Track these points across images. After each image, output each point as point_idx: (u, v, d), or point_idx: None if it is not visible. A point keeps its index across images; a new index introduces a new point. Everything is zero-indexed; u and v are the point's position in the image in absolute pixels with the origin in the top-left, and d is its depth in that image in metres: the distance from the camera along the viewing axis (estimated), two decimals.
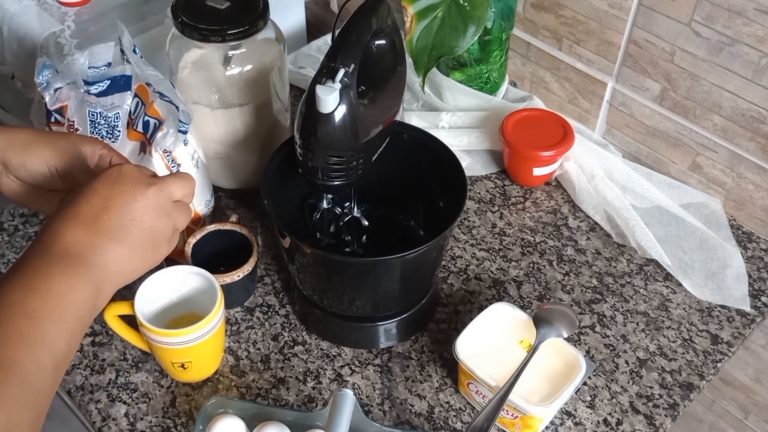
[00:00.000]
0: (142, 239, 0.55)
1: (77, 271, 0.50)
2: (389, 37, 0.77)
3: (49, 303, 0.48)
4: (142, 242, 0.55)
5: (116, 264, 0.53)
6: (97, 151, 0.65)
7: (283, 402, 0.81)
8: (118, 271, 0.53)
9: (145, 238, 0.55)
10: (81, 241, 0.51)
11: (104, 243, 0.52)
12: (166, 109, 0.83)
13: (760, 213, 0.98)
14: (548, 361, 0.77)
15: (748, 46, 0.88)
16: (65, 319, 0.49)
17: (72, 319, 0.49)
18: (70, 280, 0.50)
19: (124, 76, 0.85)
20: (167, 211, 0.58)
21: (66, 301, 0.49)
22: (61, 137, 0.65)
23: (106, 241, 0.52)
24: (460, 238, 0.98)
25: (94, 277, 0.51)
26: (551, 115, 1.05)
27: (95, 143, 0.65)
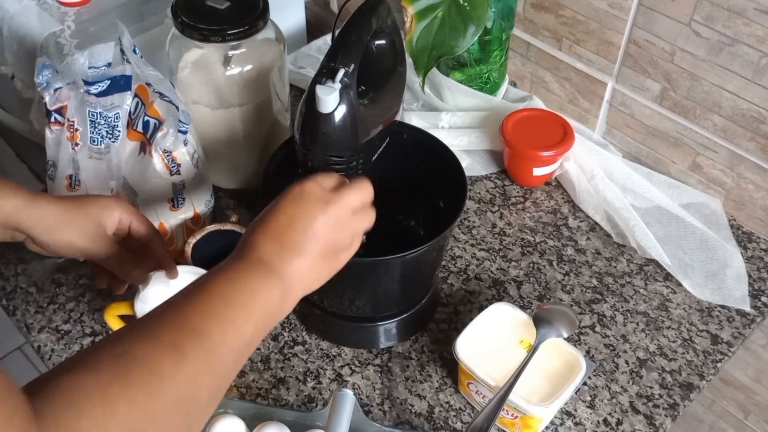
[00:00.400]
0: (323, 251, 0.61)
1: (268, 275, 0.57)
2: (389, 37, 0.77)
3: (242, 293, 0.55)
4: (323, 254, 0.61)
5: (300, 274, 0.59)
6: (116, 219, 0.73)
7: (283, 402, 0.81)
8: (301, 280, 0.60)
9: (325, 251, 0.61)
10: (270, 252, 0.58)
11: (290, 256, 0.59)
12: (166, 109, 0.83)
13: (760, 213, 0.98)
14: (548, 361, 0.77)
15: (748, 46, 0.88)
16: (254, 310, 0.55)
17: (259, 312, 0.55)
18: (261, 280, 0.57)
19: (124, 76, 0.85)
20: (345, 223, 0.63)
21: (257, 295, 0.56)
22: (83, 213, 0.71)
23: (291, 255, 0.59)
24: (460, 238, 0.98)
25: (280, 283, 0.57)
26: (551, 115, 1.05)
27: (114, 211, 0.72)
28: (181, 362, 0.49)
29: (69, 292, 0.91)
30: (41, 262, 0.94)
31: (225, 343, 0.52)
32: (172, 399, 0.47)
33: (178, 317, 0.52)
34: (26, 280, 0.92)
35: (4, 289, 0.91)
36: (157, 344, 0.49)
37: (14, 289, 0.91)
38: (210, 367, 0.51)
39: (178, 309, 0.52)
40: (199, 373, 0.50)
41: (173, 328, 0.51)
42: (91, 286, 0.92)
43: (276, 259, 0.58)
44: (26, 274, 0.93)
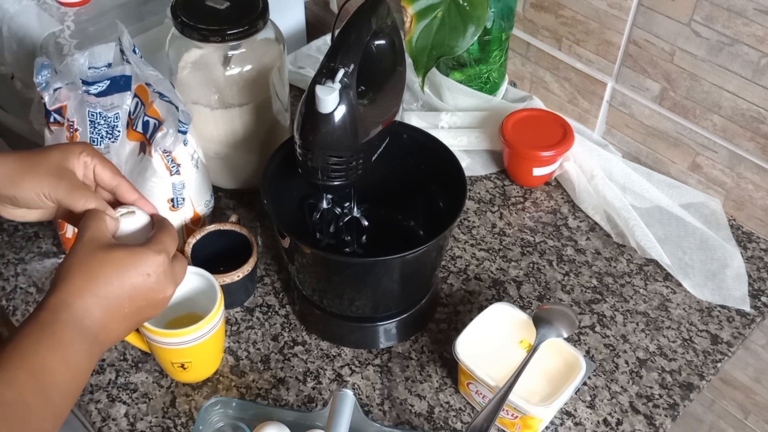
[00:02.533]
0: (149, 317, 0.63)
1: (93, 347, 0.58)
2: (389, 37, 0.77)
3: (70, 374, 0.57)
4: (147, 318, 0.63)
5: (121, 336, 0.61)
6: (80, 161, 0.67)
7: (283, 402, 0.81)
8: (119, 338, 0.62)
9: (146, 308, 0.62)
10: (99, 322, 0.59)
11: (118, 328, 0.60)
12: (165, 109, 0.83)
13: (759, 213, 0.98)
14: (548, 361, 0.77)
15: (748, 46, 0.88)
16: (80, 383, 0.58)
17: (82, 382, 0.58)
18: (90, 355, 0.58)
19: (123, 76, 0.85)
20: (170, 279, 0.63)
21: (83, 374, 0.58)
22: (44, 159, 0.65)
23: (121, 328, 0.60)
24: (460, 238, 0.98)
25: (102, 349, 0.60)
26: (551, 115, 1.05)
27: (76, 154, 0.66)
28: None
29: None
30: (41, 262, 0.94)
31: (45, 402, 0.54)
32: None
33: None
34: (26, 280, 0.92)
35: (4, 289, 0.91)
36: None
37: (14, 289, 0.91)
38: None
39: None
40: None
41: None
42: None
43: (101, 331, 0.59)
44: (26, 274, 0.93)
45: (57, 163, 0.65)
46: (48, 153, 0.66)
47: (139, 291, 0.60)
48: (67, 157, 0.66)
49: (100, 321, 0.58)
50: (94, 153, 0.67)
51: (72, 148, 0.66)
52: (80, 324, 0.57)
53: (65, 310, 0.57)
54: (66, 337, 0.56)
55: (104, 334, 0.59)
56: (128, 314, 0.60)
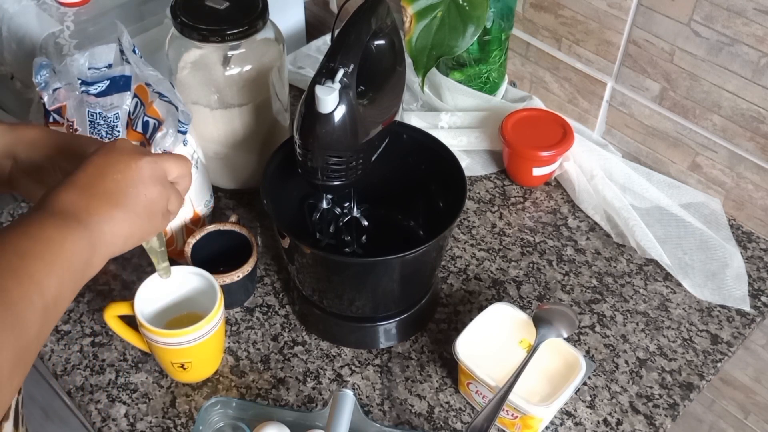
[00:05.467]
0: (136, 205, 0.57)
1: (70, 225, 0.53)
2: (388, 37, 0.77)
3: (40, 245, 0.50)
4: (136, 207, 0.57)
5: (110, 225, 0.55)
6: None
7: (283, 402, 0.81)
8: (112, 233, 0.55)
9: (139, 205, 0.57)
10: (74, 202, 0.54)
11: (98, 205, 0.54)
12: (165, 109, 0.83)
13: (759, 213, 0.98)
14: (548, 361, 0.77)
15: (748, 46, 0.88)
16: (55, 262, 0.51)
17: (63, 265, 0.51)
18: (63, 231, 0.52)
19: (123, 77, 0.85)
20: (162, 183, 0.59)
21: (57, 248, 0.51)
22: (72, 138, 0.65)
23: (100, 204, 0.55)
24: (460, 238, 0.98)
25: (87, 234, 0.53)
26: (551, 115, 1.05)
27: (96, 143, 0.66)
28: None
29: None
30: None
31: (24, 301, 0.48)
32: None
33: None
34: None
35: None
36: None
37: None
38: (9, 326, 0.46)
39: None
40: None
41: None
42: (91, 286, 0.92)
43: (82, 210, 0.53)
44: None
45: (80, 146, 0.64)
46: (78, 137, 0.66)
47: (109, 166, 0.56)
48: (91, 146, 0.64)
49: (78, 203, 0.54)
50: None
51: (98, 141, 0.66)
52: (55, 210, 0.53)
53: (52, 204, 0.53)
54: (58, 242, 0.51)
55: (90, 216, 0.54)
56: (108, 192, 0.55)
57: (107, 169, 0.56)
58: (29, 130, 0.65)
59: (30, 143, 0.64)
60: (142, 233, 0.58)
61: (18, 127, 0.65)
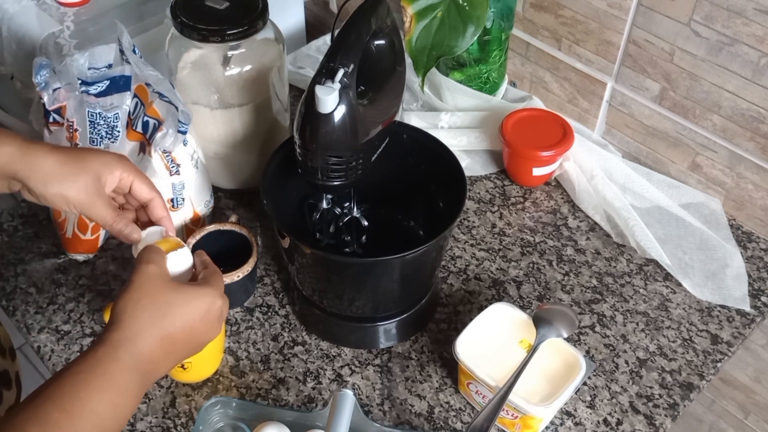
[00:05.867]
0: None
1: (143, 386, 0.57)
2: (388, 37, 0.77)
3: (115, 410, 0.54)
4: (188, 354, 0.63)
5: (161, 375, 0.60)
6: (116, 178, 0.68)
7: (283, 402, 0.81)
8: (158, 378, 0.60)
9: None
10: (154, 360, 0.58)
11: (172, 362, 0.60)
12: (165, 109, 0.83)
13: (759, 213, 0.98)
14: (548, 361, 0.77)
15: (748, 46, 0.88)
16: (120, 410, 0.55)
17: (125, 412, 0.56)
18: (135, 395, 0.56)
19: (123, 77, 0.85)
20: (220, 321, 0.64)
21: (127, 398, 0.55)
22: (82, 169, 0.66)
23: (174, 360, 0.60)
24: (460, 238, 0.98)
25: (146, 385, 0.58)
26: (551, 115, 1.05)
27: (116, 170, 0.68)
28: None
29: (69, 292, 0.91)
30: (41, 263, 0.94)
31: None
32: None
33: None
34: (26, 281, 0.92)
35: (4, 289, 0.91)
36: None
37: (14, 290, 0.91)
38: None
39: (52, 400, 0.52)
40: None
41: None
42: (91, 286, 0.92)
43: (155, 370, 0.58)
44: (26, 275, 0.93)
45: (94, 177, 0.67)
46: (88, 165, 0.67)
47: (195, 330, 0.60)
48: (104, 173, 0.67)
49: (157, 360, 0.58)
50: (132, 169, 0.69)
51: (113, 164, 0.68)
52: (138, 363, 0.56)
53: (127, 347, 0.55)
54: (121, 378, 0.54)
55: (155, 373, 0.58)
56: (179, 353, 0.60)
57: (193, 336, 0.60)
58: (42, 160, 0.66)
59: (42, 179, 0.65)
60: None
61: (30, 151, 0.66)
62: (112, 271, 0.93)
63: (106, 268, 0.93)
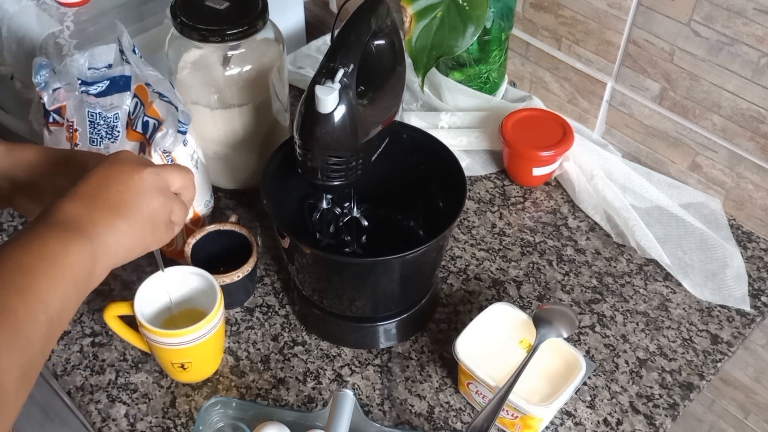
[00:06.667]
0: (139, 216, 0.57)
1: (73, 237, 0.53)
2: (388, 37, 0.77)
3: (43, 261, 0.51)
4: (139, 218, 0.57)
5: (113, 236, 0.55)
6: None
7: (283, 402, 0.81)
8: (115, 243, 0.56)
9: (142, 216, 0.57)
10: (77, 213, 0.54)
11: (101, 216, 0.55)
12: (165, 109, 0.83)
13: (759, 213, 0.98)
14: (548, 361, 0.77)
15: (748, 46, 0.88)
16: (59, 277, 0.51)
17: (67, 280, 0.51)
18: (65, 244, 0.52)
19: (123, 77, 0.85)
20: (165, 193, 0.60)
21: (61, 262, 0.51)
22: (72, 156, 0.66)
23: (104, 215, 0.55)
24: (460, 238, 0.98)
25: (89, 245, 0.53)
26: (551, 115, 1.05)
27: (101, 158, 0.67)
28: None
29: None
30: None
31: (29, 319, 0.48)
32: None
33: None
34: None
35: None
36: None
37: None
38: (16, 347, 0.47)
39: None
40: (4, 356, 0.46)
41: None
42: None
43: (84, 220, 0.54)
44: None
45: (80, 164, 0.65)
46: (76, 155, 0.66)
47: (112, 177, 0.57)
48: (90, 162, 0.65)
49: (81, 214, 0.54)
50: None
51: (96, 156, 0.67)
52: (57, 221, 0.53)
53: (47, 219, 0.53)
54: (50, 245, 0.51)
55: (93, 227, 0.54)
56: (112, 203, 0.56)
57: (111, 180, 0.57)
58: (27, 151, 0.65)
59: (28, 165, 0.65)
60: (145, 244, 0.59)
61: (16, 147, 0.65)
62: (112, 272, 0.93)
63: None
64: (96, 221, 0.54)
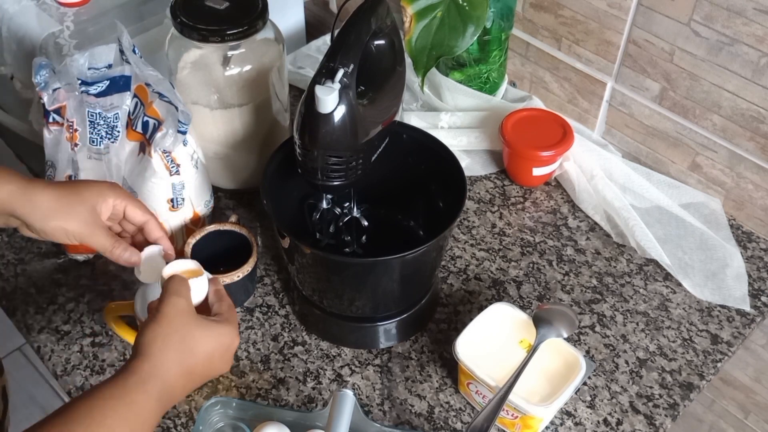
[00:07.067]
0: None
1: (163, 403, 0.60)
2: (388, 37, 0.77)
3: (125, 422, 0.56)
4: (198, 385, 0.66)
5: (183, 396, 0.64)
6: (110, 205, 0.72)
7: (283, 402, 0.81)
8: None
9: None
10: (178, 389, 0.61)
11: (190, 388, 0.63)
12: (165, 109, 0.83)
13: (759, 213, 0.98)
14: (548, 361, 0.77)
15: (748, 46, 0.88)
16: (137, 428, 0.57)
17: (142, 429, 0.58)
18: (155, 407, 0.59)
19: (123, 77, 0.85)
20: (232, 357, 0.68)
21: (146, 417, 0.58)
22: (78, 200, 0.70)
23: (191, 387, 0.63)
24: (460, 238, 0.98)
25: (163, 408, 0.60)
26: (551, 115, 1.05)
27: (109, 197, 0.72)
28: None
29: (69, 292, 0.91)
30: (41, 263, 0.94)
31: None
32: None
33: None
34: (26, 281, 0.92)
35: (4, 289, 0.91)
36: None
37: (14, 290, 0.91)
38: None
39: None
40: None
41: None
42: (91, 286, 0.92)
43: (179, 394, 0.61)
44: (26, 275, 0.93)
45: (89, 207, 0.70)
46: (82, 196, 0.70)
47: (213, 365, 0.64)
48: (98, 202, 0.71)
49: (177, 392, 0.61)
50: (124, 196, 0.73)
51: (105, 193, 0.72)
52: (162, 395, 0.59)
53: (155, 381, 0.58)
54: (145, 409, 0.57)
55: (172, 402, 0.61)
56: (195, 384, 0.63)
57: (210, 369, 0.64)
58: (41, 195, 0.69)
59: (42, 216, 0.68)
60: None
61: (29, 188, 0.69)
62: (112, 272, 0.93)
63: (106, 269, 0.93)
64: (181, 397, 0.62)
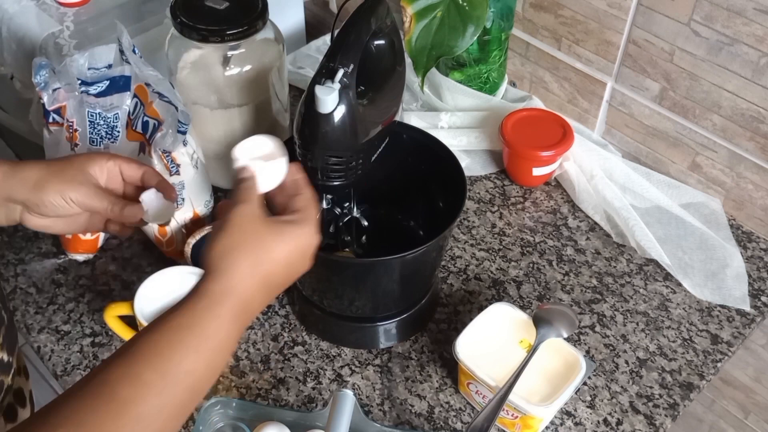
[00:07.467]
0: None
1: (240, 321, 0.54)
2: (388, 37, 0.77)
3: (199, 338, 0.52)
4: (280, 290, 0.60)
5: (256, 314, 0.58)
6: (104, 167, 0.69)
7: (283, 402, 0.81)
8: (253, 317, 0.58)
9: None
10: (257, 302, 0.56)
11: (269, 300, 0.57)
12: (165, 109, 0.83)
13: (759, 213, 0.98)
14: (548, 361, 0.77)
15: (748, 46, 0.88)
16: (211, 356, 0.52)
17: (218, 357, 0.53)
18: (232, 329, 0.53)
19: (123, 77, 0.85)
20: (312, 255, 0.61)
21: (224, 343, 0.53)
22: (68, 165, 0.68)
23: (271, 298, 0.58)
24: (460, 238, 0.98)
25: (242, 326, 0.55)
26: (550, 115, 1.05)
27: (100, 159, 0.69)
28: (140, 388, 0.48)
29: (69, 292, 0.91)
30: (41, 263, 0.94)
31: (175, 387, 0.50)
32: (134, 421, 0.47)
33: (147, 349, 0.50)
34: (26, 281, 0.92)
35: (4, 289, 0.91)
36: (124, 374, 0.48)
37: (14, 290, 0.91)
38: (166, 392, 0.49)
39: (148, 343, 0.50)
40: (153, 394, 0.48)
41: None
42: (91, 286, 0.92)
43: (258, 307, 0.56)
44: (26, 275, 0.93)
45: (80, 168, 0.68)
46: (72, 161, 0.68)
47: (292, 268, 0.58)
48: (90, 164, 0.68)
49: (256, 304, 0.55)
50: (115, 156, 0.70)
51: (95, 156, 0.69)
52: (237, 313, 0.53)
53: (228, 301, 0.53)
54: (220, 336, 0.52)
55: (252, 315, 0.55)
56: (275, 291, 0.57)
57: (290, 272, 0.58)
58: (30, 170, 0.67)
59: (34, 185, 0.66)
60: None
61: (17, 168, 0.67)
62: (112, 271, 0.93)
63: (106, 268, 0.93)
64: (261, 308, 0.56)
